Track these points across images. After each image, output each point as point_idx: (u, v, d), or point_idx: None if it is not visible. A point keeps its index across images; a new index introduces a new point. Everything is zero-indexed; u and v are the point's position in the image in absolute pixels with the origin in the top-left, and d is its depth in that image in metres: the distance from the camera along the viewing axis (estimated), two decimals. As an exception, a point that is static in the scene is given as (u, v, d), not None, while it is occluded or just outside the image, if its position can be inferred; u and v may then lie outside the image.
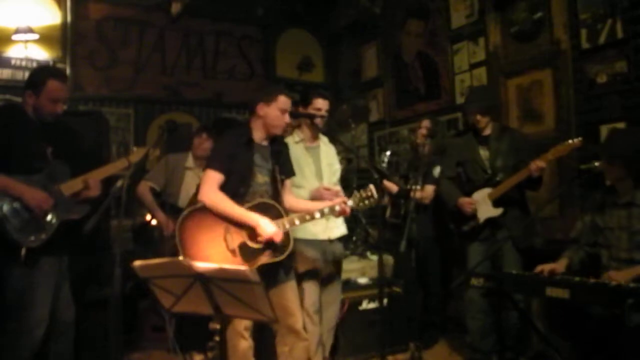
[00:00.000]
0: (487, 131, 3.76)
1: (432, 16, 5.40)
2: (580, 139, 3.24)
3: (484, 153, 3.73)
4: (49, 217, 2.82)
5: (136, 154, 3.16)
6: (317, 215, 2.83)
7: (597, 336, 2.76)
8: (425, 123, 4.36)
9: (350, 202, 2.88)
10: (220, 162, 2.79)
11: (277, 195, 2.89)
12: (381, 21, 6.10)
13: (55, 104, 2.88)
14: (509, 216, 3.58)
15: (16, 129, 2.82)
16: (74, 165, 2.98)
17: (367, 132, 6.43)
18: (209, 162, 2.83)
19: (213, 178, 2.76)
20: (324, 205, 2.89)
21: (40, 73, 2.98)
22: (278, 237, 2.71)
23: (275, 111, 2.85)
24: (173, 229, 3.86)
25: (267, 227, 2.69)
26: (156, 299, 2.15)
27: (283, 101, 2.85)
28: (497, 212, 3.57)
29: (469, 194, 3.71)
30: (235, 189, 2.79)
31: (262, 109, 2.88)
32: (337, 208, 2.85)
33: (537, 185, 3.52)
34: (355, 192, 2.92)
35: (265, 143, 2.94)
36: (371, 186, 2.89)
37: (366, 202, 2.88)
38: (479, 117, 3.73)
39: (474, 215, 3.66)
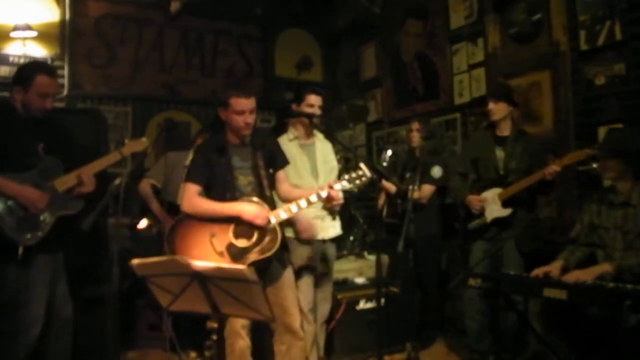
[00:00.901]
0: (506, 132, 3.74)
1: (431, 16, 5.40)
2: (597, 146, 3.20)
3: (499, 153, 3.71)
4: (44, 215, 2.81)
5: (128, 147, 3.14)
6: (303, 204, 2.78)
7: (594, 337, 2.77)
8: (415, 125, 4.35)
9: (337, 186, 2.79)
10: (197, 174, 2.83)
11: (263, 192, 2.86)
12: (380, 21, 6.10)
13: (44, 99, 2.86)
14: (517, 218, 3.57)
15: (6, 126, 2.81)
16: (66, 160, 2.97)
17: (365, 132, 6.43)
18: (187, 176, 2.87)
19: (191, 190, 2.80)
20: (311, 192, 2.84)
21: (29, 68, 2.97)
22: (261, 218, 2.68)
23: (232, 115, 2.81)
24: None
25: (249, 210, 2.69)
26: (154, 297, 2.15)
27: (236, 104, 2.78)
28: (506, 212, 3.56)
29: (478, 192, 3.71)
30: (221, 196, 2.80)
31: (223, 115, 2.87)
32: (324, 194, 2.78)
33: (549, 189, 3.52)
34: (344, 174, 2.84)
35: (244, 142, 2.92)
36: (362, 164, 2.83)
37: (357, 182, 2.78)
38: (491, 105, 3.71)
39: (481, 214, 3.66)
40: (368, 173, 2.79)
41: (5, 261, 2.74)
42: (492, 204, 3.61)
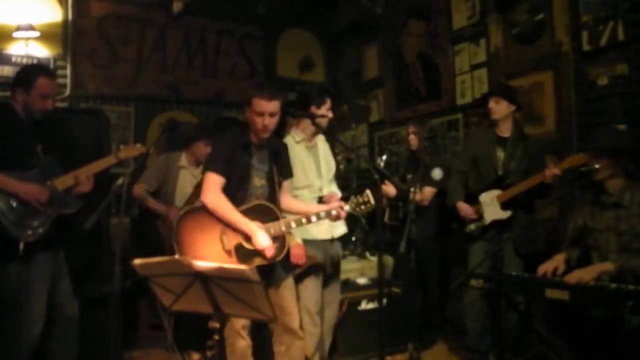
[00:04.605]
0: (506, 133, 3.71)
1: (433, 17, 5.40)
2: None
3: (499, 154, 3.69)
4: (44, 212, 2.82)
5: (124, 152, 3.16)
6: (314, 218, 2.83)
7: (596, 338, 2.77)
8: (412, 128, 4.34)
9: (346, 207, 2.88)
10: (221, 165, 2.77)
11: (274, 197, 2.88)
12: (382, 21, 6.10)
13: (46, 100, 2.90)
14: (515, 220, 3.56)
15: (6, 127, 2.84)
16: (66, 160, 3.00)
17: (367, 133, 6.43)
18: (210, 164, 2.81)
19: (215, 181, 2.75)
20: (321, 208, 2.89)
21: (30, 71, 3.02)
22: (269, 254, 2.71)
23: (252, 115, 2.78)
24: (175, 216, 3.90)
25: (262, 240, 2.70)
26: (156, 297, 2.15)
27: (256, 104, 2.74)
28: (505, 214, 3.54)
29: (477, 192, 3.70)
30: (233, 192, 2.79)
31: (246, 113, 2.84)
32: (334, 212, 2.85)
33: (547, 192, 3.50)
34: (352, 197, 2.92)
35: (262, 145, 2.91)
36: (368, 191, 2.88)
37: (362, 207, 2.88)
38: (491, 103, 3.69)
39: (480, 216, 3.63)
40: (372, 201, 2.86)
41: (6, 259, 2.75)
42: (490, 206, 3.59)
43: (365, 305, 4.01)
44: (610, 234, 2.88)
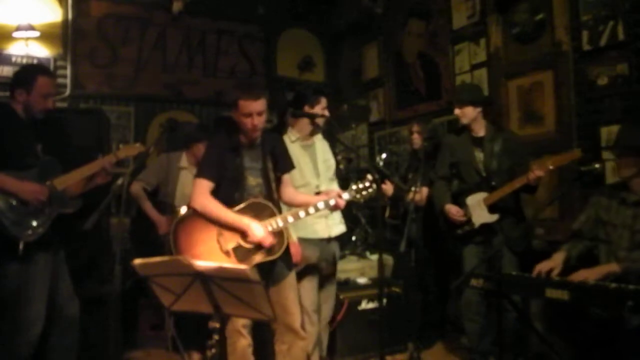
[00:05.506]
0: (481, 132, 3.68)
1: (433, 17, 5.40)
2: (579, 150, 3.18)
3: (478, 155, 3.65)
4: (44, 211, 2.83)
5: (123, 151, 3.17)
6: (311, 210, 2.81)
7: (596, 337, 2.77)
8: (416, 127, 4.33)
9: (346, 195, 2.85)
10: (210, 170, 2.82)
11: (271, 194, 2.88)
12: (383, 21, 6.10)
13: (46, 99, 2.93)
14: (505, 222, 3.53)
15: (6, 128, 2.85)
16: (65, 160, 3.01)
17: (367, 132, 6.43)
18: (199, 171, 2.85)
19: (203, 185, 2.79)
20: (318, 199, 2.87)
21: (29, 71, 3.05)
22: (267, 242, 2.71)
23: (240, 117, 2.79)
24: (166, 229, 3.89)
25: (257, 231, 2.69)
26: (156, 297, 2.15)
27: (243, 106, 2.75)
28: (493, 218, 3.51)
29: (462, 196, 3.68)
30: (229, 194, 2.80)
31: (234, 115, 2.85)
32: (332, 202, 2.82)
33: (534, 190, 3.49)
34: (352, 184, 2.89)
35: (254, 144, 2.91)
36: (369, 175, 2.86)
37: (364, 193, 2.85)
38: (456, 110, 3.67)
39: (469, 220, 3.61)
40: (375, 185, 2.82)
41: (6, 259, 2.75)
42: (478, 209, 3.55)
43: (365, 305, 4.00)
44: (624, 230, 2.85)
